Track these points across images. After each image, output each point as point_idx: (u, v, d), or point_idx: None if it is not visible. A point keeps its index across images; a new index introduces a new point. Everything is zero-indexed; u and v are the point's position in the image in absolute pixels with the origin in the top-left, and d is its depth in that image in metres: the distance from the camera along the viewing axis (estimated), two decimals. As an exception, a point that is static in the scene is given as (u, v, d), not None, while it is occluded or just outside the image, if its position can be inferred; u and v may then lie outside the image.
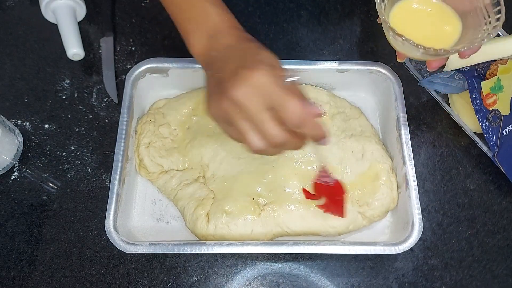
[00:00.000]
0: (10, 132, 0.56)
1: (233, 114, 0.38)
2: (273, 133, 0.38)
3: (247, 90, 0.37)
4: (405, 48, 0.45)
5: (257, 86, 0.37)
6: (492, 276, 0.52)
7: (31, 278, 0.51)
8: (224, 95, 0.38)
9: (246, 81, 0.37)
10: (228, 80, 0.38)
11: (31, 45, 0.66)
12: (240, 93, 0.37)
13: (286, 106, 0.37)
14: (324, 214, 0.52)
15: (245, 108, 0.38)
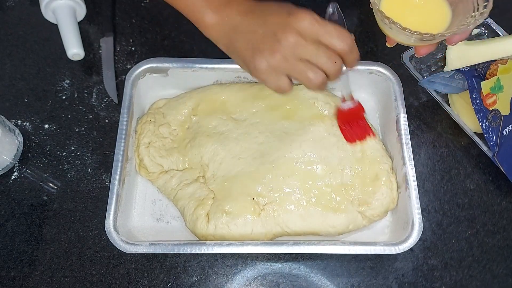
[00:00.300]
0: (10, 132, 0.56)
1: (290, 59, 0.41)
2: (328, 66, 0.42)
3: (300, 34, 0.40)
4: (393, 32, 0.46)
5: (307, 27, 0.40)
6: (492, 276, 0.52)
7: (31, 278, 0.51)
8: (279, 44, 0.41)
9: (297, 26, 0.40)
10: (280, 30, 0.41)
11: (31, 45, 0.66)
12: (295, 38, 0.40)
13: (338, 36, 0.41)
14: (324, 214, 0.52)
15: (303, 48, 0.41)
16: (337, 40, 0.41)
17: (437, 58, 0.64)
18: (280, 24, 0.41)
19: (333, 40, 0.41)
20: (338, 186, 0.54)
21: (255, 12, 0.43)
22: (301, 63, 0.42)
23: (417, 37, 0.44)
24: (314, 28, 0.41)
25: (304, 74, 0.42)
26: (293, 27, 0.40)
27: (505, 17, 0.68)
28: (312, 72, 0.42)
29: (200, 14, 0.45)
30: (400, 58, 0.62)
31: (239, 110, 0.58)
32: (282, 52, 0.41)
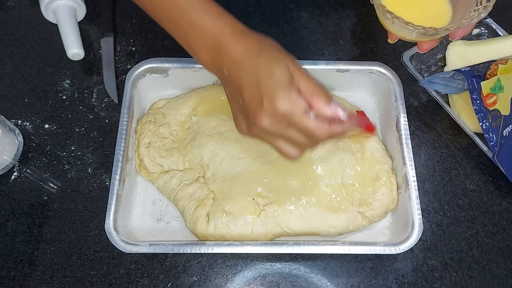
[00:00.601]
0: (10, 132, 0.56)
1: (265, 138, 0.42)
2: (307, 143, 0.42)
3: (272, 121, 0.39)
4: (395, 27, 0.46)
5: (280, 115, 0.39)
6: (492, 276, 0.52)
7: (31, 278, 0.51)
8: (253, 126, 0.41)
9: (269, 113, 0.39)
10: (252, 113, 0.40)
11: (32, 45, 0.66)
12: (267, 125, 0.40)
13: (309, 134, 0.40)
14: (324, 214, 0.52)
15: (275, 133, 0.41)
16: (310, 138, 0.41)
17: (437, 58, 0.64)
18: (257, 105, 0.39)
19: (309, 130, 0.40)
20: (338, 186, 0.54)
21: (240, 68, 0.41)
22: (277, 141, 0.42)
23: (420, 31, 0.43)
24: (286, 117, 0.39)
25: (280, 151, 0.43)
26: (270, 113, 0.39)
27: (505, 17, 0.68)
28: (288, 148, 0.42)
29: (194, 52, 0.45)
30: (400, 58, 0.62)
31: (239, 110, 0.58)
32: (256, 131, 0.41)
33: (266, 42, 0.42)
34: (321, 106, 0.40)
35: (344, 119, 0.41)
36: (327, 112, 0.40)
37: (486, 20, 0.64)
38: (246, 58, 0.41)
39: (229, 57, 0.41)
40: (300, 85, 0.40)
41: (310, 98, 0.40)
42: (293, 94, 0.39)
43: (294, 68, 0.40)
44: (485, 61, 0.57)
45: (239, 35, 0.42)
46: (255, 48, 0.41)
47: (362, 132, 0.55)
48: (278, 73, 0.39)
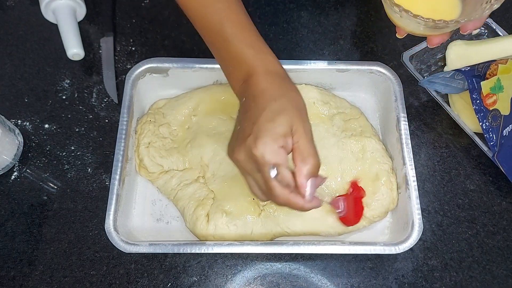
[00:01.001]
0: (10, 132, 0.56)
1: (239, 168, 0.42)
2: (260, 196, 0.42)
3: (245, 159, 0.40)
4: (403, 20, 0.44)
5: (255, 156, 0.39)
6: (492, 276, 0.52)
7: (31, 278, 0.51)
8: (233, 152, 0.41)
9: (246, 151, 0.40)
10: (238, 142, 0.41)
11: (31, 45, 0.66)
12: (240, 159, 0.40)
13: (270, 193, 0.40)
14: (324, 214, 0.52)
15: (244, 169, 0.41)
16: (268, 193, 0.41)
17: (437, 58, 0.64)
18: (243, 136, 0.40)
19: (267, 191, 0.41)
20: (338, 186, 0.54)
21: (251, 102, 0.42)
22: (246, 176, 0.42)
23: (429, 24, 0.42)
24: (256, 164, 0.40)
25: (248, 185, 0.43)
26: (246, 150, 0.40)
27: (505, 17, 0.68)
28: (254, 188, 0.42)
29: (229, 78, 0.46)
30: (400, 58, 0.62)
31: (239, 110, 0.58)
32: (234, 159, 0.42)
33: (290, 93, 0.43)
34: (300, 171, 0.39)
35: (307, 199, 0.40)
36: (298, 180, 0.39)
37: (486, 20, 0.64)
38: (262, 96, 0.42)
39: (252, 88, 0.42)
40: (297, 144, 0.40)
41: (298, 159, 0.40)
42: (275, 145, 0.39)
43: (299, 127, 0.40)
44: (485, 61, 0.57)
45: (270, 74, 0.43)
46: (276, 92, 0.42)
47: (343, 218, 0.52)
48: (278, 122, 0.39)
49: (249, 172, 0.41)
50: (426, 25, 0.43)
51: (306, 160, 0.40)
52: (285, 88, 0.43)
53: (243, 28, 0.45)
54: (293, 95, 0.43)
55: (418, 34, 0.47)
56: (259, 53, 0.44)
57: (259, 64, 0.43)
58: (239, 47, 0.44)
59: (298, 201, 0.40)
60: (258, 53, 0.44)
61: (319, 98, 0.59)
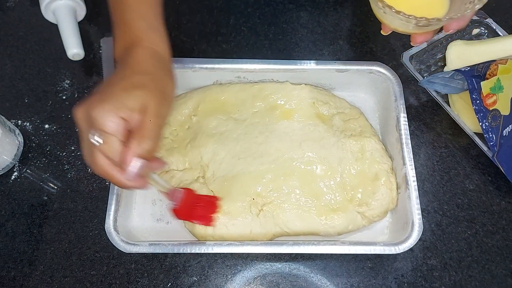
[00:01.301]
0: (10, 133, 0.56)
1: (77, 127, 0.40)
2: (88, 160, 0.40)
3: (85, 114, 0.39)
4: (387, 17, 0.44)
5: (92, 116, 0.38)
6: (491, 276, 0.52)
7: (31, 278, 0.51)
8: (76, 107, 0.40)
9: (87, 107, 0.38)
10: (87, 98, 0.40)
11: (32, 45, 0.66)
12: (79, 115, 0.39)
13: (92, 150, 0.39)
14: (323, 214, 0.52)
15: (79, 126, 0.40)
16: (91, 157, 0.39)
17: (437, 58, 0.64)
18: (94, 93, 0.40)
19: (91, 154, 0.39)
20: (338, 186, 0.54)
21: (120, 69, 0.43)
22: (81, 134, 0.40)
23: (411, 21, 0.42)
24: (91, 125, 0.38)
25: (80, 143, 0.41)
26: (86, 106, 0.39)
27: (505, 17, 0.68)
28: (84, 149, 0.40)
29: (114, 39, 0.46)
30: (400, 58, 0.62)
31: (239, 110, 0.58)
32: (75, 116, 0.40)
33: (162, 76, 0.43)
34: (130, 148, 0.38)
35: (128, 176, 0.39)
36: (123, 154, 0.38)
37: (486, 20, 0.64)
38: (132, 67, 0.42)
39: (128, 57, 0.43)
40: (142, 123, 0.39)
41: (135, 137, 0.38)
42: (115, 114, 0.38)
43: (152, 109, 0.39)
44: (485, 61, 0.57)
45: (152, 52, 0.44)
46: (147, 68, 0.42)
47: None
48: (131, 94, 0.39)
49: (83, 132, 0.39)
50: (408, 22, 0.42)
51: (142, 140, 0.38)
52: (159, 69, 0.43)
53: (146, 2, 0.46)
54: (164, 78, 0.43)
55: (402, 31, 0.46)
56: (150, 29, 0.45)
57: (145, 38, 0.44)
58: (133, 16, 0.45)
59: (116, 175, 0.39)
60: (149, 29, 0.45)
61: (319, 98, 0.59)
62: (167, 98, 0.42)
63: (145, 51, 0.43)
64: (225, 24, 0.68)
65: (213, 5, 0.70)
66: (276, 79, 0.60)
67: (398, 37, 0.67)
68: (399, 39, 0.67)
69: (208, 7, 0.70)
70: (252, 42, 0.67)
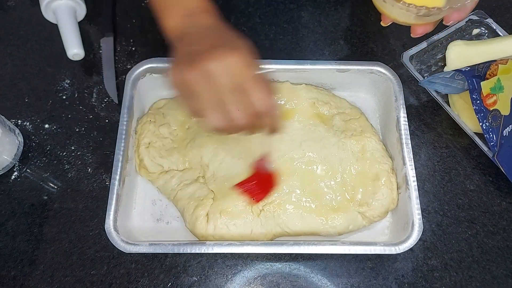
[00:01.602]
0: (10, 132, 0.56)
1: (200, 87, 0.38)
2: (237, 115, 0.39)
3: (221, 67, 0.37)
4: (386, 6, 0.44)
5: (232, 66, 0.37)
6: (492, 276, 0.52)
7: (32, 277, 0.51)
8: (196, 65, 0.38)
9: (223, 58, 0.37)
10: (205, 52, 0.38)
11: (32, 45, 0.66)
12: (215, 68, 0.37)
13: (257, 92, 0.38)
14: (324, 214, 0.52)
15: (214, 83, 0.38)
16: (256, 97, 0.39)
17: (437, 58, 0.64)
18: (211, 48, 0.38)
19: (254, 95, 0.38)
20: (338, 186, 0.54)
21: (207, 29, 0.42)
22: (209, 98, 0.39)
23: (411, 11, 0.42)
24: (241, 72, 0.38)
25: (205, 110, 0.39)
26: (222, 58, 0.38)
27: (505, 17, 0.68)
28: (214, 113, 0.39)
29: (163, 13, 0.45)
30: (400, 58, 0.62)
31: (239, 110, 0.58)
32: (194, 75, 0.38)
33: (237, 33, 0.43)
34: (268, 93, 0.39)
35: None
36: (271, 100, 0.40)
37: (486, 20, 0.64)
38: (216, 25, 0.43)
39: (200, 21, 0.42)
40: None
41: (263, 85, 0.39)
42: (251, 59, 0.38)
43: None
44: (485, 61, 0.57)
45: (214, 15, 0.44)
46: (225, 26, 0.43)
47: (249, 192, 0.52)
48: (243, 42, 0.40)
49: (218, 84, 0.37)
50: (408, 11, 0.42)
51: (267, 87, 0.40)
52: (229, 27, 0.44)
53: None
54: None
55: (402, 22, 0.46)
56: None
57: (205, 5, 0.44)
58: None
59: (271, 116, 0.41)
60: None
61: (319, 98, 0.59)
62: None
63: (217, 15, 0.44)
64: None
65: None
66: (276, 79, 0.60)
67: (399, 37, 0.67)
68: (400, 39, 0.67)
69: (208, 7, 0.70)
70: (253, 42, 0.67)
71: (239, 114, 0.39)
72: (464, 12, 0.44)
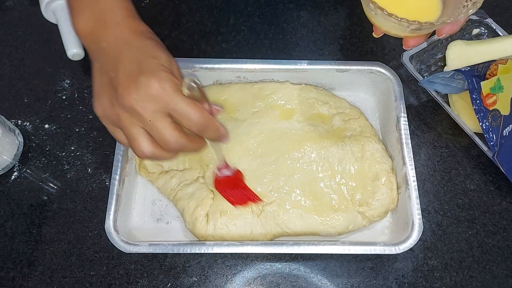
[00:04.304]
0: (10, 132, 0.56)
1: (125, 120, 0.37)
2: (172, 140, 0.37)
3: (145, 100, 0.36)
4: (378, 18, 0.44)
5: (155, 95, 0.36)
6: (492, 276, 0.52)
7: (31, 278, 0.51)
8: (117, 100, 0.37)
9: (145, 90, 0.36)
10: (123, 85, 0.36)
11: (31, 45, 0.66)
12: (135, 101, 0.36)
13: (189, 116, 0.37)
14: (324, 214, 0.52)
15: (139, 115, 0.36)
16: (188, 120, 0.37)
17: (437, 58, 0.64)
18: (129, 79, 0.36)
19: (181, 119, 0.37)
20: (338, 186, 0.54)
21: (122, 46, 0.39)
22: (136, 128, 0.37)
23: (403, 25, 0.41)
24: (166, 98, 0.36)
25: (133, 140, 0.38)
26: (143, 90, 0.36)
27: (505, 17, 0.68)
28: (143, 141, 0.38)
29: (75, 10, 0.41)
30: (400, 58, 0.62)
31: (239, 110, 0.58)
32: (118, 110, 0.37)
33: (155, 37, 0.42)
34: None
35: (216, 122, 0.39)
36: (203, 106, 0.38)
37: (486, 20, 0.64)
38: (133, 38, 0.39)
39: (114, 32, 0.39)
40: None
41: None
42: (174, 78, 0.37)
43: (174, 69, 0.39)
44: (485, 61, 0.57)
45: (132, 18, 0.41)
46: (144, 33, 0.41)
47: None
48: (163, 57, 0.38)
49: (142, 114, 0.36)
50: (400, 25, 0.42)
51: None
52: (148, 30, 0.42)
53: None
54: (156, 39, 0.42)
55: (393, 34, 0.46)
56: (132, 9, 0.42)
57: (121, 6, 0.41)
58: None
59: (217, 123, 0.39)
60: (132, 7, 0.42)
61: (319, 98, 0.59)
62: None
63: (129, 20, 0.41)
64: (225, 23, 0.68)
65: (213, 4, 0.70)
66: (276, 79, 0.60)
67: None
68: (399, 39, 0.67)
69: (208, 7, 0.70)
70: (252, 42, 0.67)
71: (174, 137, 0.37)
72: (456, 25, 0.43)
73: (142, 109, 0.36)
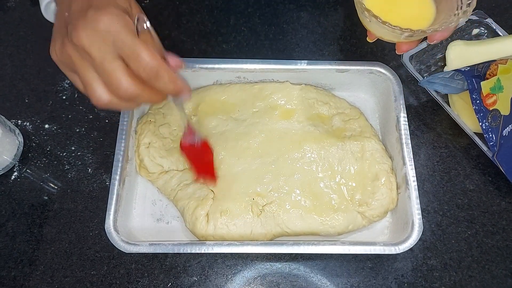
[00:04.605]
0: (10, 132, 0.56)
1: (77, 61, 0.34)
2: (123, 85, 0.34)
3: (93, 35, 0.33)
4: (372, 25, 0.45)
5: (105, 31, 0.33)
6: (491, 276, 0.52)
7: (32, 278, 0.52)
8: (67, 38, 0.34)
9: (93, 24, 0.33)
10: (73, 22, 0.34)
11: (32, 45, 0.66)
12: (85, 38, 0.33)
13: (138, 56, 0.34)
14: (323, 214, 0.52)
15: (90, 55, 0.33)
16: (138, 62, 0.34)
17: (437, 58, 0.64)
18: (80, 14, 0.33)
19: (129, 60, 0.34)
20: (338, 186, 0.54)
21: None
22: (89, 71, 0.34)
23: (396, 32, 0.43)
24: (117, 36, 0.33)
25: (86, 85, 0.35)
26: (92, 25, 0.33)
27: (505, 17, 0.68)
28: (97, 87, 0.34)
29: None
30: (400, 58, 0.62)
31: (239, 110, 0.58)
32: (69, 49, 0.34)
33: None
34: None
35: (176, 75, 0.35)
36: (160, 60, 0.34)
37: (486, 20, 0.64)
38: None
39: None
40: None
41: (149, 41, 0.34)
42: (127, 16, 0.34)
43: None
44: (485, 61, 0.57)
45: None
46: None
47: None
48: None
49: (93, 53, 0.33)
50: (393, 32, 0.44)
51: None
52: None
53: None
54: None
55: (387, 40, 0.48)
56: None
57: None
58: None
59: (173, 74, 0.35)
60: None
61: (319, 98, 0.59)
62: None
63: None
64: (225, 24, 0.68)
65: (213, 5, 0.70)
66: (276, 79, 0.60)
67: (398, 37, 0.67)
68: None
69: (208, 7, 0.70)
70: (252, 42, 0.67)
71: (125, 81, 0.34)
72: (447, 32, 0.45)
73: (90, 46, 0.33)
